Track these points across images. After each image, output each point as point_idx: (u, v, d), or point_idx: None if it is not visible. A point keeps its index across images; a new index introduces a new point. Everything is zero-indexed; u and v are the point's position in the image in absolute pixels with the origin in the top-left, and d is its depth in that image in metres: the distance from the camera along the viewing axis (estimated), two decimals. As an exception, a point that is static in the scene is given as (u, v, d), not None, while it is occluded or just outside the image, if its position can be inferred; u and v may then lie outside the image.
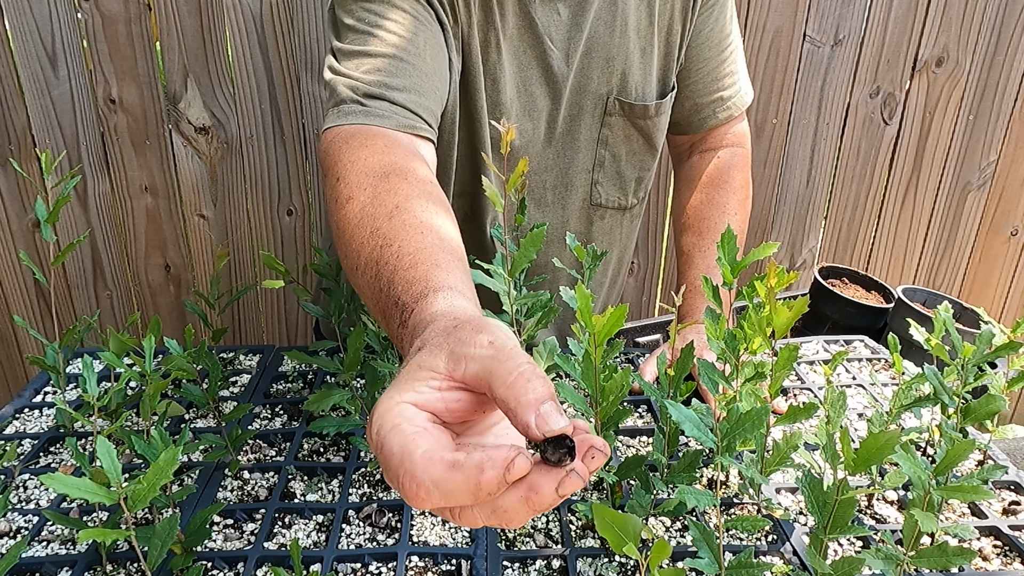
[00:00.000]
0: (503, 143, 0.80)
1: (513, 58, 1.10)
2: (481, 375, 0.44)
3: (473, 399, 0.46)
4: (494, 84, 1.09)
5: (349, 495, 0.87)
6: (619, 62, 1.14)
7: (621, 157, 1.23)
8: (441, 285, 0.59)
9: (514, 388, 0.42)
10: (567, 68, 1.12)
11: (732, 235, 0.82)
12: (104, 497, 0.62)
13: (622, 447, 0.99)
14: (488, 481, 0.40)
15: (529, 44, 1.10)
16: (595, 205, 1.26)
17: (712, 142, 1.31)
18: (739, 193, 1.29)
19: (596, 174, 1.23)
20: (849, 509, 0.66)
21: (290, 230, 2.01)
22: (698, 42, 1.21)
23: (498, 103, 1.11)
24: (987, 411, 0.76)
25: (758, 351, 0.77)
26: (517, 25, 1.08)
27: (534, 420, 0.42)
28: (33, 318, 2.04)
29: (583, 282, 0.93)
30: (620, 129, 1.20)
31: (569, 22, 1.10)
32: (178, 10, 1.75)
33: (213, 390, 0.91)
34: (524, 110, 1.13)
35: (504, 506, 0.41)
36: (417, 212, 0.71)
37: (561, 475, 0.41)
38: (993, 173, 2.16)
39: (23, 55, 1.74)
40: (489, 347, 0.45)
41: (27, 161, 1.84)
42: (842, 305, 1.79)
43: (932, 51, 2.00)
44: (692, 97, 1.26)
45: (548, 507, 0.42)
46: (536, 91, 1.13)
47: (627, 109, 1.18)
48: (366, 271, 0.68)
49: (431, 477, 0.40)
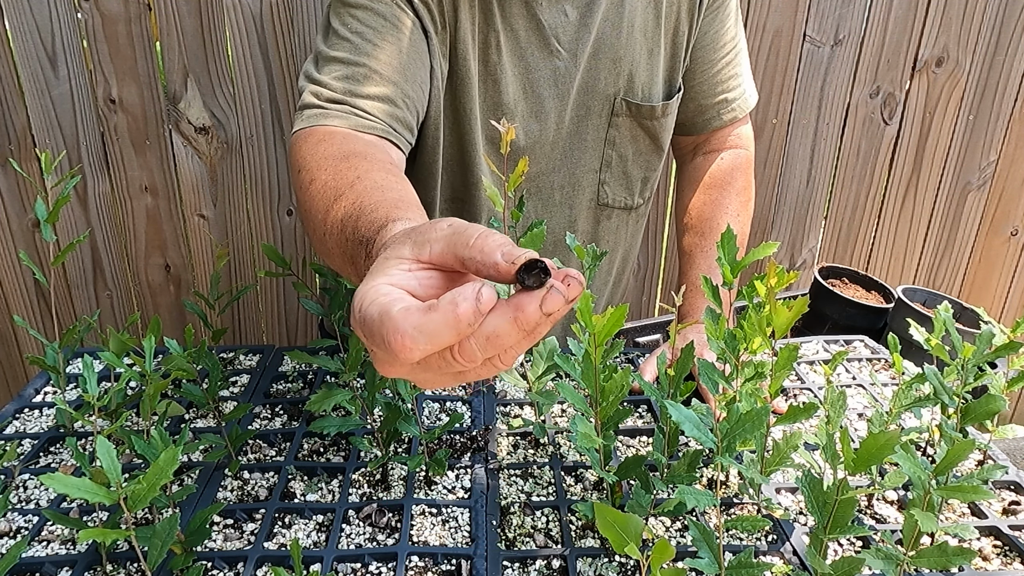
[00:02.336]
0: (503, 143, 0.80)
1: (519, 59, 1.10)
2: (446, 250, 0.47)
3: (443, 276, 0.48)
4: (495, 85, 1.10)
5: (349, 495, 0.87)
6: (626, 63, 1.15)
7: (628, 157, 1.23)
8: (401, 216, 0.61)
9: (477, 244, 0.45)
10: (575, 68, 1.13)
11: (732, 235, 0.82)
12: (104, 497, 0.62)
13: (622, 447, 0.99)
14: (465, 312, 0.42)
15: (536, 45, 1.10)
16: (602, 205, 1.26)
17: (716, 144, 1.31)
18: (742, 195, 1.29)
19: (603, 174, 1.23)
20: (849, 509, 0.66)
21: (290, 230, 2.01)
22: (703, 44, 1.21)
23: (500, 104, 1.11)
24: (987, 411, 0.76)
25: (758, 351, 0.77)
26: (524, 27, 1.08)
27: (500, 256, 0.44)
28: (33, 318, 2.04)
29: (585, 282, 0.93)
30: (627, 129, 1.20)
31: (577, 23, 1.10)
32: (178, 10, 1.75)
33: (213, 390, 0.91)
34: (531, 111, 1.14)
35: (495, 331, 0.43)
36: (377, 179, 0.74)
37: (543, 292, 0.43)
38: (993, 173, 2.16)
39: (23, 55, 1.74)
40: (448, 228, 0.47)
41: (27, 161, 1.84)
42: (842, 305, 1.79)
43: (932, 51, 2.00)
44: (696, 98, 1.26)
45: (536, 327, 0.43)
46: (543, 92, 1.13)
47: (634, 110, 1.18)
48: (332, 231, 0.70)
49: (411, 324, 0.42)
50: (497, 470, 0.93)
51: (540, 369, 0.96)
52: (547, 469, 0.93)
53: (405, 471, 0.92)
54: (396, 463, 0.91)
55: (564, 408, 1.08)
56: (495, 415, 1.03)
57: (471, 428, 1.00)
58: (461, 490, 0.89)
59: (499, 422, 1.03)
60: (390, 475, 0.91)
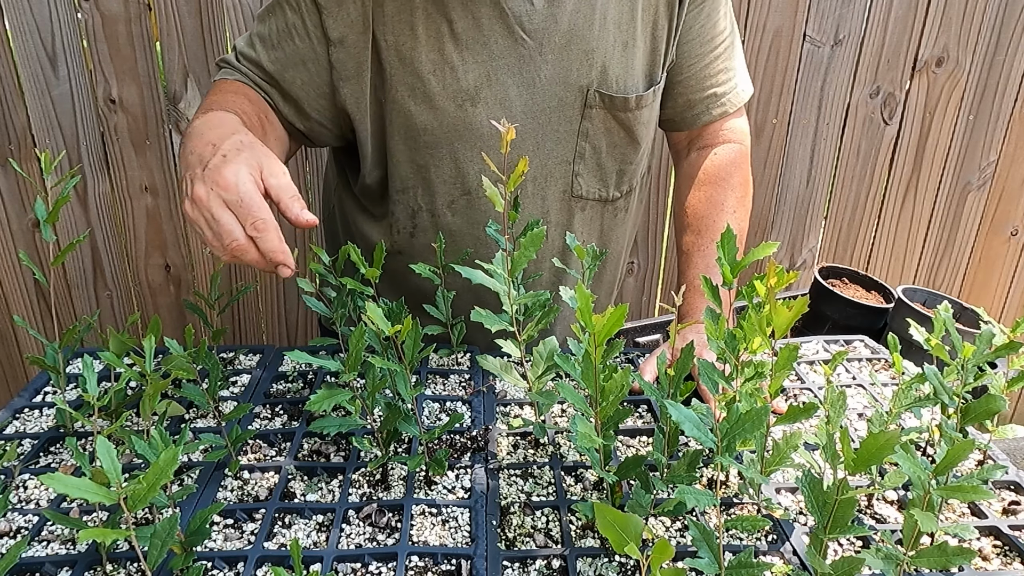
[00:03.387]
0: (503, 143, 0.80)
1: (482, 47, 1.12)
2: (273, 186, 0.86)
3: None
4: (453, 72, 1.12)
5: (349, 495, 0.87)
6: (599, 55, 1.15)
7: (602, 150, 1.23)
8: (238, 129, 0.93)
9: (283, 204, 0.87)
10: (540, 57, 1.13)
11: (732, 235, 0.82)
12: (104, 497, 0.62)
13: (622, 447, 0.99)
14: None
15: (500, 33, 1.12)
16: (576, 197, 1.26)
17: (708, 139, 1.31)
18: (737, 190, 1.29)
19: (576, 166, 1.23)
20: (849, 509, 0.66)
21: (290, 229, 2.01)
22: (688, 38, 1.22)
23: (459, 90, 1.13)
24: (987, 411, 0.76)
25: (758, 351, 0.77)
26: (487, 14, 1.11)
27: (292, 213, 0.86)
28: (33, 318, 2.04)
29: (576, 280, 0.93)
30: (601, 121, 1.20)
31: (544, 11, 1.12)
32: (178, 10, 1.75)
33: (213, 390, 0.91)
34: (496, 99, 1.15)
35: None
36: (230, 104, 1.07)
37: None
38: (993, 173, 2.16)
39: (23, 55, 1.74)
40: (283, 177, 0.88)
41: (27, 161, 1.84)
42: (842, 305, 1.79)
43: (932, 51, 2.00)
44: (685, 93, 1.26)
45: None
46: (507, 80, 1.14)
47: (607, 101, 1.18)
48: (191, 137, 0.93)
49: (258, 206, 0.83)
50: (497, 470, 0.93)
51: (540, 369, 0.96)
52: (547, 469, 0.93)
53: (405, 471, 0.92)
54: (396, 463, 0.91)
55: (564, 408, 1.08)
56: (495, 415, 1.03)
57: (471, 428, 1.00)
58: (461, 490, 0.89)
59: (499, 422, 1.03)
60: (390, 475, 0.91)
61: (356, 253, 0.97)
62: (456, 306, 1.16)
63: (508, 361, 1.10)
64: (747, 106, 1.34)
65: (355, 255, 0.97)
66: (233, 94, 1.11)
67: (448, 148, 1.17)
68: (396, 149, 1.19)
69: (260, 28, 1.17)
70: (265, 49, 1.15)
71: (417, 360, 0.87)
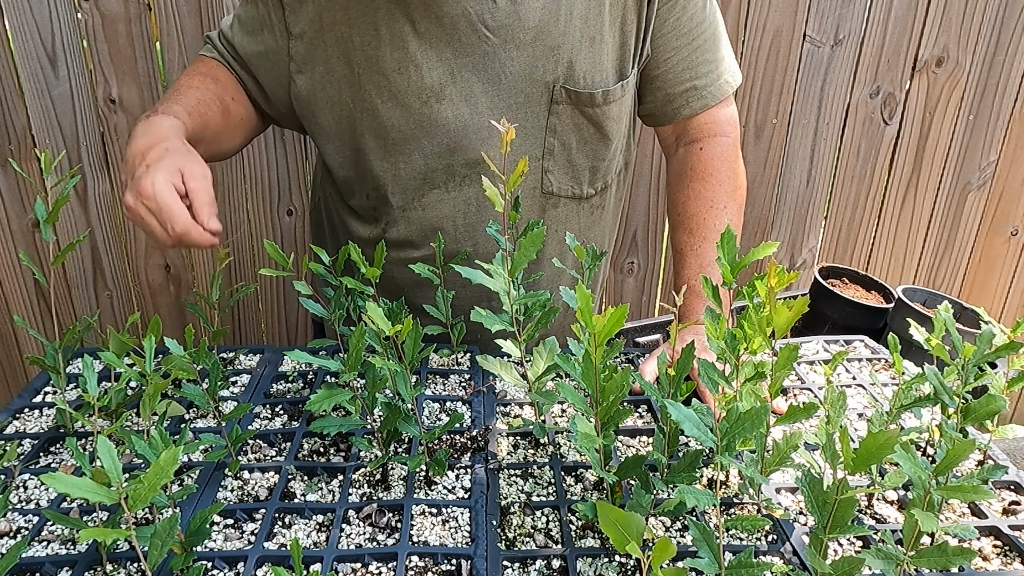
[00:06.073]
0: (503, 143, 0.80)
1: (446, 44, 1.13)
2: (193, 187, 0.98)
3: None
4: (417, 69, 1.14)
5: (349, 495, 0.87)
6: (565, 51, 1.15)
7: (571, 146, 1.23)
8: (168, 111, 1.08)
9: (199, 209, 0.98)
10: (505, 55, 1.14)
11: (732, 235, 0.82)
12: (104, 497, 0.62)
13: (622, 447, 0.99)
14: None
15: (463, 31, 1.13)
16: (547, 193, 1.26)
17: (693, 133, 1.31)
18: (726, 184, 1.28)
19: (546, 162, 1.23)
20: (849, 509, 0.66)
21: (290, 230, 2.01)
22: (663, 32, 1.21)
23: (423, 87, 1.15)
24: (987, 411, 0.76)
25: (758, 351, 0.77)
26: (449, 13, 1.11)
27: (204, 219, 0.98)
28: (33, 318, 2.04)
29: (575, 280, 0.93)
30: (568, 117, 1.20)
31: (507, 10, 1.12)
32: (178, 10, 1.75)
33: (213, 390, 0.91)
34: (461, 95, 1.16)
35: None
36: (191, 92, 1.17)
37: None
38: (993, 173, 2.16)
39: (23, 55, 1.74)
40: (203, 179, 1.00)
41: (27, 161, 1.84)
42: (842, 305, 1.79)
43: (932, 51, 2.00)
44: (663, 87, 1.26)
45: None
46: (471, 77, 1.15)
47: (574, 97, 1.18)
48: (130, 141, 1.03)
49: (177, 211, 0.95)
50: (497, 470, 0.93)
51: (540, 369, 0.96)
52: (547, 469, 0.93)
53: (405, 471, 0.92)
54: (396, 463, 0.91)
55: (564, 408, 1.08)
56: (495, 415, 1.03)
57: (471, 428, 1.00)
58: (461, 490, 0.89)
59: (499, 422, 1.03)
60: (390, 475, 0.91)
61: (356, 253, 0.97)
62: (427, 296, 1.16)
63: (508, 361, 1.10)
64: (746, 107, 1.34)
65: (355, 255, 0.97)
66: (201, 76, 1.22)
67: (416, 144, 1.19)
68: (366, 147, 1.21)
69: (240, 11, 1.24)
70: (242, 33, 1.23)
71: (417, 360, 0.87)
